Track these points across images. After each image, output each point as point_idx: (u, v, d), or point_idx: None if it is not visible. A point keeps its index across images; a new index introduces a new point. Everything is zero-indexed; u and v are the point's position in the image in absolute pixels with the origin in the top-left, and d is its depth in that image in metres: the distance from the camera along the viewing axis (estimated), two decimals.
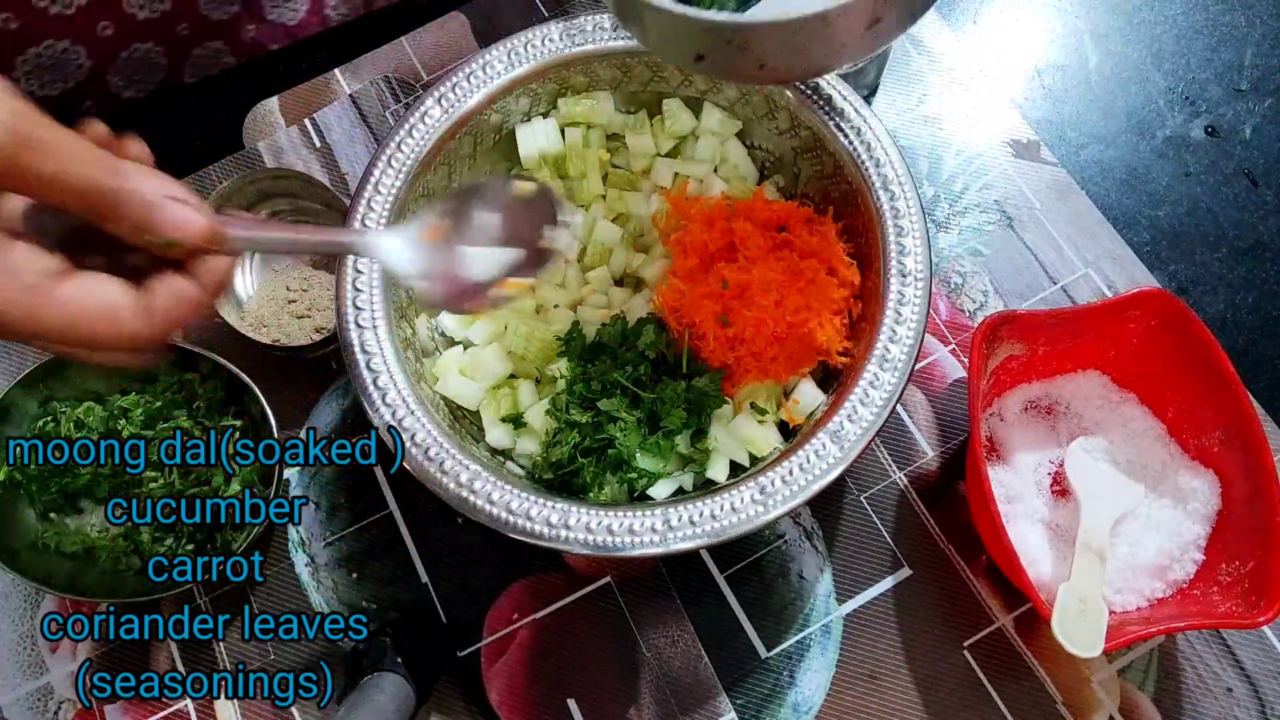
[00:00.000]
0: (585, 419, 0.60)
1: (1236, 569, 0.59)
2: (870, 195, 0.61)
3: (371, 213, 0.62)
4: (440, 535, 0.69)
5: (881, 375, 0.57)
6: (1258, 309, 0.74)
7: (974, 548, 0.67)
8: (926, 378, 0.72)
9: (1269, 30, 0.83)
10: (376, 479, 0.71)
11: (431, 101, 0.64)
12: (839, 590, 0.66)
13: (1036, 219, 0.76)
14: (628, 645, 0.66)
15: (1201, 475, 0.64)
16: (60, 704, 0.66)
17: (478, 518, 0.55)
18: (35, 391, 0.66)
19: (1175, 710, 0.63)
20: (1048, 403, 0.69)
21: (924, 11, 0.49)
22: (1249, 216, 0.77)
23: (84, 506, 0.68)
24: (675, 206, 0.67)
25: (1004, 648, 0.64)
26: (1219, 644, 0.64)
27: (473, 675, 0.65)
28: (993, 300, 0.74)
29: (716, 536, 0.54)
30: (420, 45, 0.85)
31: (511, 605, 0.67)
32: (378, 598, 0.68)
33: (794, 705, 0.64)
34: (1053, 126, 0.81)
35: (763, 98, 0.66)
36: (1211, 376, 0.62)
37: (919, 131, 0.80)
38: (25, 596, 0.68)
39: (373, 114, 0.83)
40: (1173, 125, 0.80)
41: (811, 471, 0.55)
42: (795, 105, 0.64)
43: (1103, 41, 0.84)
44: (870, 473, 0.69)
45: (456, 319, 0.67)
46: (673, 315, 0.63)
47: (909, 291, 0.59)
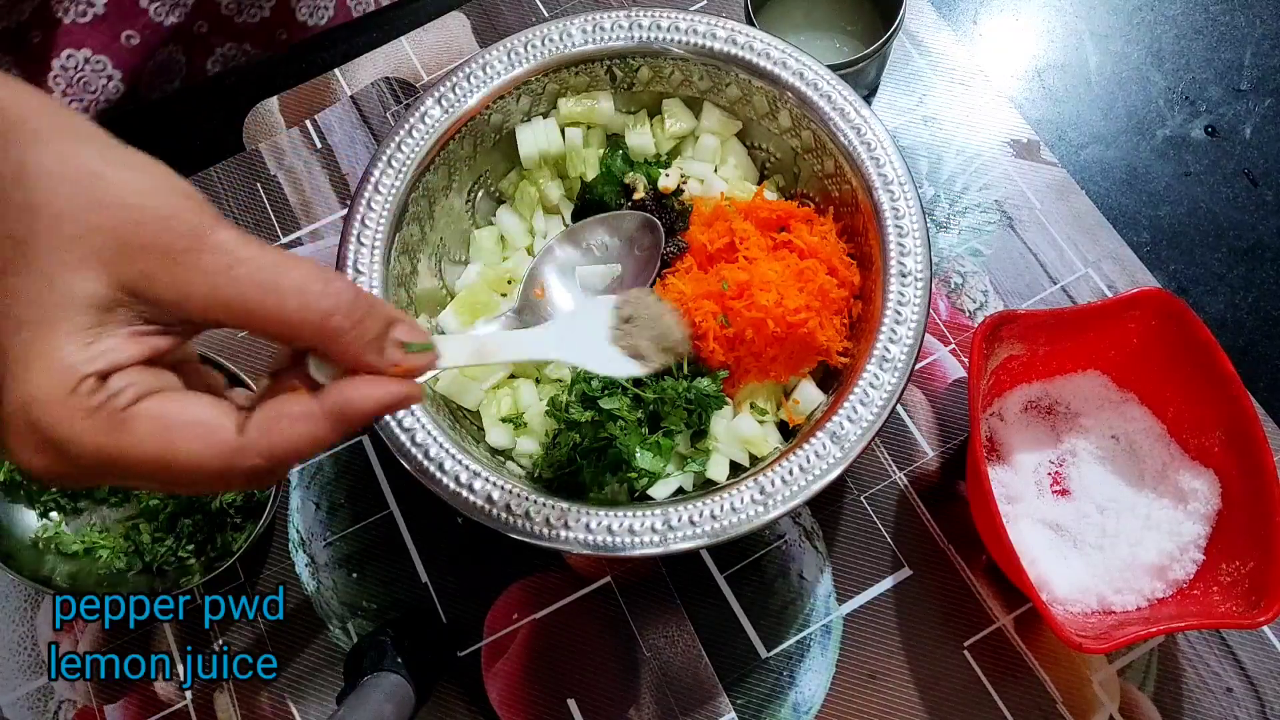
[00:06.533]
0: (585, 419, 0.60)
1: (1236, 569, 0.59)
2: (870, 195, 0.61)
3: (371, 213, 0.62)
4: (440, 535, 0.69)
5: (881, 375, 0.57)
6: (1258, 309, 0.74)
7: (974, 548, 0.67)
8: (926, 378, 0.72)
9: (1269, 30, 0.83)
10: (377, 479, 0.71)
11: (431, 101, 0.64)
12: (839, 590, 0.66)
13: (1036, 219, 0.76)
14: (628, 645, 0.66)
15: (1201, 475, 0.64)
16: (60, 704, 0.66)
17: (478, 518, 0.55)
18: None
19: (1175, 710, 0.63)
20: (1048, 403, 0.69)
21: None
22: (1249, 216, 0.77)
23: (84, 506, 0.68)
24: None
25: (1004, 648, 0.64)
26: (1219, 644, 0.64)
27: (473, 675, 0.65)
28: (993, 300, 0.74)
29: (716, 536, 0.54)
30: (420, 45, 0.85)
31: (511, 605, 0.67)
32: (378, 598, 0.68)
33: (794, 705, 0.64)
34: (1053, 126, 0.80)
35: (764, 98, 0.66)
36: (1211, 376, 0.62)
37: (919, 131, 0.80)
38: (25, 596, 0.68)
39: (373, 114, 0.83)
40: (1173, 125, 0.80)
41: (811, 471, 0.55)
42: (796, 105, 0.64)
43: (1103, 41, 0.84)
44: (870, 473, 0.69)
45: (456, 319, 0.67)
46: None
47: (909, 291, 0.59)
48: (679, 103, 0.70)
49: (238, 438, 0.34)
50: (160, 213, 0.33)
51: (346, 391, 0.36)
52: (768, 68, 0.64)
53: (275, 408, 0.35)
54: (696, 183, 0.69)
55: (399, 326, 0.38)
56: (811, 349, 0.61)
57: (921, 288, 0.59)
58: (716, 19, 0.66)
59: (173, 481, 0.34)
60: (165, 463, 0.33)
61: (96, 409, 0.32)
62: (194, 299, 0.34)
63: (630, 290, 0.53)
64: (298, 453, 0.35)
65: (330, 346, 0.36)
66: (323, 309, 0.35)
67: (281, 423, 0.35)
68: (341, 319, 0.35)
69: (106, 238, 0.32)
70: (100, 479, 0.34)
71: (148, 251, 0.33)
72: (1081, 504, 0.66)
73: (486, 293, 0.67)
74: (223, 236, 0.34)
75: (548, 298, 0.63)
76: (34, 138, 0.33)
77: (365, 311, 0.36)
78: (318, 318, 0.35)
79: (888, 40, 0.72)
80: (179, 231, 0.33)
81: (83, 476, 0.34)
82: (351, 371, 0.37)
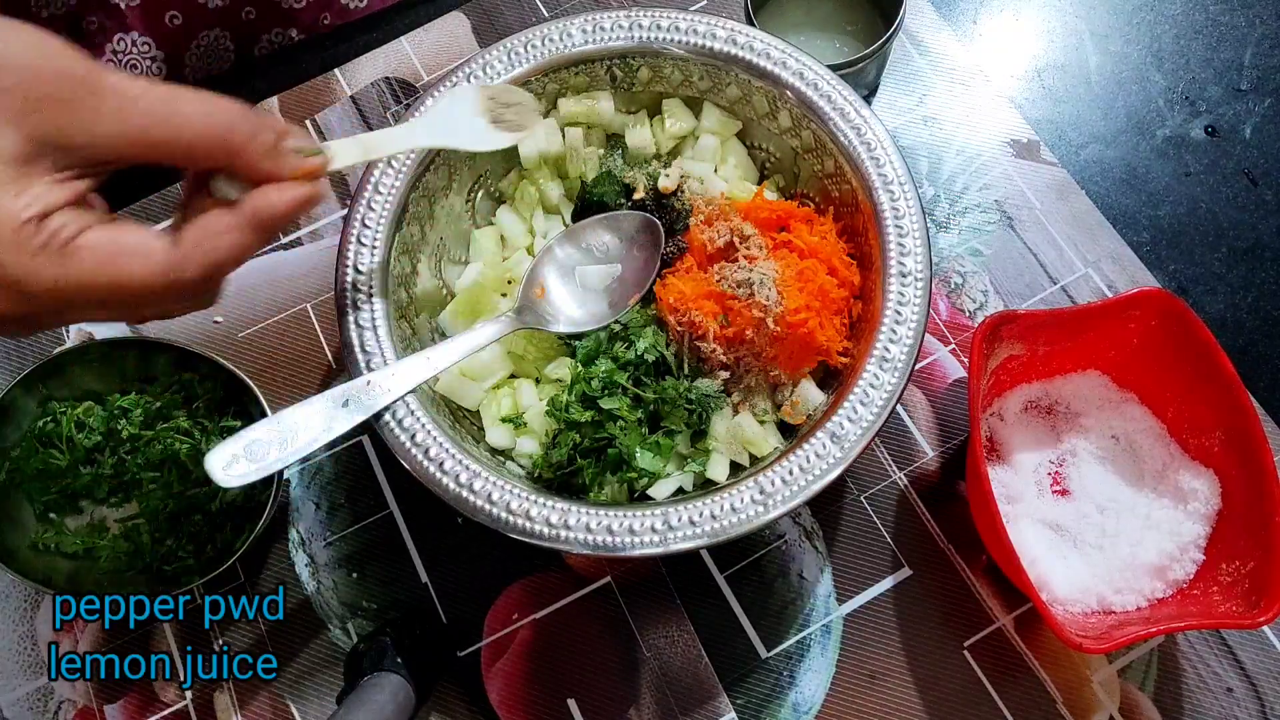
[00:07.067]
0: (585, 418, 0.60)
1: (1236, 569, 0.59)
2: (870, 195, 0.61)
3: (371, 213, 0.62)
4: (440, 535, 0.69)
5: (881, 375, 0.57)
6: (1258, 309, 0.74)
7: (974, 548, 0.67)
8: (926, 378, 0.72)
9: (1269, 30, 0.83)
10: (377, 479, 0.71)
11: (431, 101, 0.64)
12: (839, 590, 0.66)
13: (1036, 219, 0.76)
14: (628, 645, 0.66)
15: (1201, 475, 0.64)
16: (60, 704, 0.66)
17: (478, 518, 0.55)
18: (35, 391, 0.66)
19: (1175, 710, 0.63)
20: (1048, 403, 0.69)
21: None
22: (1249, 216, 0.77)
23: (84, 506, 0.68)
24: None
25: (1004, 648, 0.64)
26: (1219, 644, 0.64)
27: (473, 675, 0.65)
28: (993, 300, 0.74)
29: (716, 536, 0.54)
30: (420, 45, 0.85)
31: (511, 605, 0.67)
32: (378, 598, 0.68)
33: (794, 705, 0.64)
34: (1053, 126, 0.80)
35: (764, 98, 0.66)
36: (1212, 376, 0.62)
37: (919, 131, 0.80)
38: (25, 596, 0.68)
39: (373, 114, 0.83)
40: (1173, 125, 0.80)
41: (811, 471, 0.55)
42: (796, 105, 0.64)
43: (1103, 41, 0.84)
44: (870, 473, 0.69)
45: (457, 319, 0.67)
46: (673, 315, 0.63)
47: (909, 291, 0.59)
48: (679, 103, 0.70)
49: (176, 252, 0.38)
50: (54, 66, 0.36)
51: (261, 199, 0.41)
52: (768, 68, 0.64)
53: (200, 224, 0.40)
54: (696, 183, 0.69)
55: (289, 137, 0.42)
56: (811, 349, 0.61)
57: (921, 288, 0.59)
58: (716, 19, 0.66)
59: (122, 303, 0.38)
60: (115, 285, 0.37)
61: (43, 246, 0.35)
62: (103, 137, 0.37)
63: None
64: (231, 259, 0.40)
65: (234, 160, 0.40)
66: (222, 125, 0.39)
67: (209, 236, 0.39)
68: (239, 133, 0.40)
69: (8, 97, 0.35)
70: (56, 315, 0.38)
71: (50, 102, 0.36)
72: (1081, 504, 0.66)
73: (486, 293, 0.66)
74: (114, 79, 0.37)
75: (548, 298, 0.63)
76: None
77: (258, 124, 0.40)
78: (219, 134, 0.39)
79: (888, 40, 0.72)
80: (75, 80, 0.36)
81: (41, 315, 0.37)
82: (256, 184, 0.41)
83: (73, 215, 0.37)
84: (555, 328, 0.61)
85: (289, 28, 0.85)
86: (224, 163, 0.40)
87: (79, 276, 0.36)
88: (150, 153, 0.38)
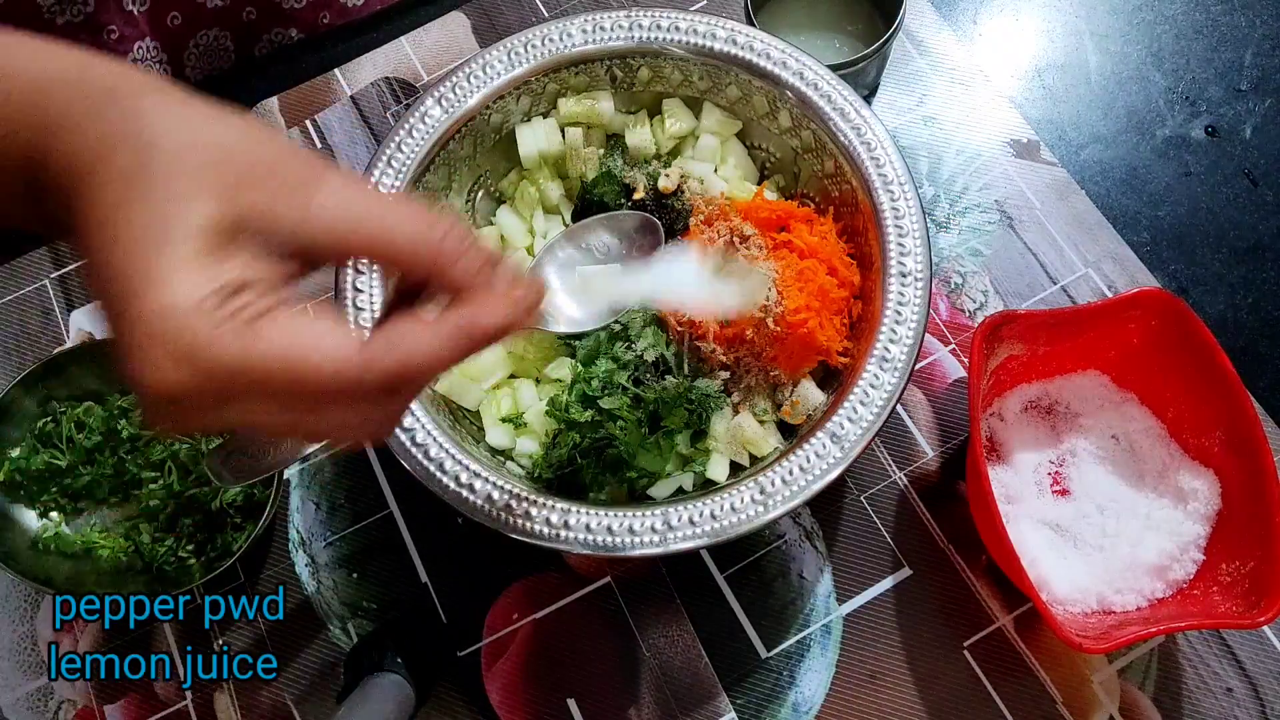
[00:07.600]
0: (585, 418, 0.60)
1: (1236, 569, 0.59)
2: (870, 195, 0.61)
3: None
4: (440, 535, 0.69)
5: (881, 375, 0.57)
6: (1258, 309, 0.74)
7: (974, 548, 0.67)
8: (926, 378, 0.72)
9: (1269, 30, 0.83)
10: (377, 479, 0.71)
11: (431, 101, 0.64)
12: (839, 590, 0.66)
13: (1036, 219, 0.76)
14: (628, 645, 0.66)
15: (1201, 475, 0.64)
16: (60, 704, 0.66)
17: (478, 518, 0.55)
18: (35, 391, 0.66)
19: (1175, 710, 0.63)
20: (1048, 403, 0.69)
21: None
22: (1249, 217, 0.77)
23: (84, 506, 0.68)
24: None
25: (1004, 648, 0.64)
26: (1219, 644, 0.64)
27: (473, 675, 0.65)
28: (993, 300, 0.74)
29: (716, 536, 0.54)
30: (420, 45, 0.85)
31: (511, 605, 0.67)
32: (378, 598, 0.68)
33: (794, 705, 0.64)
34: (1053, 126, 0.80)
35: (764, 98, 0.66)
36: (1212, 376, 0.62)
37: (919, 131, 0.80)
38: (25, 596, 0.68)
39: (373, 114, 0.83)
40: (1173, 125, 0.80)
41: (811, 471, 0.55)
42: (796, 105, 0.64)
43: (1103, 41, 0.84)
44: (870, 473, 0.69)
45: None
46: (673, 315, 0.63)
47: (909, 291, 0.59)
48: (679, 103, 0.70)
49: (366, 349, 0.35)
50: (275, 151, 0.35)
51: (472, 310, 0.37)
52: (768, 68, 0.64)
53: (397, 327, 0.36)
54: (696, 183, 0.69)
55: (502, 262, 0.39)
56: (811, 349, 0.61)
57: (921, 288, 0.59)
58: (716, 19, 0.66)
59: (298, 398, 0.34)
60: (298, 372, 0.33)
61: (228, 318, 0.32)
62: (315, 223, 0.35)
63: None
64: (425, 367, 0.36)
65: (445, 271, 0.37)
66: (437, 233, 0.36)
67: (406, 339, 0.35)
68: (454, 244, 0.37)
69: (225, 170, 0.34)
70: (230, 395, 0.34)
71: (266, 183, 0.34)
72: (1081, 504, 0.66)
73: None
74: (334, 174, 0.36)
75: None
76: (143, 88, 0.35)
77: (473, 240, 0.37)
78: (433, 241, 0.36)
79: (888, 40, 0.72)
80: (294, 168, 0.35)
81: (212, 393, 0.33)
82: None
83: (265, 294, 0.34)
84: (555, 328, 0.61)
85: (289, 28, 0.85)
86: (435, 269, 0.37)
87: (262, 355, 0.33)
88: (363, 246, 0.36)
